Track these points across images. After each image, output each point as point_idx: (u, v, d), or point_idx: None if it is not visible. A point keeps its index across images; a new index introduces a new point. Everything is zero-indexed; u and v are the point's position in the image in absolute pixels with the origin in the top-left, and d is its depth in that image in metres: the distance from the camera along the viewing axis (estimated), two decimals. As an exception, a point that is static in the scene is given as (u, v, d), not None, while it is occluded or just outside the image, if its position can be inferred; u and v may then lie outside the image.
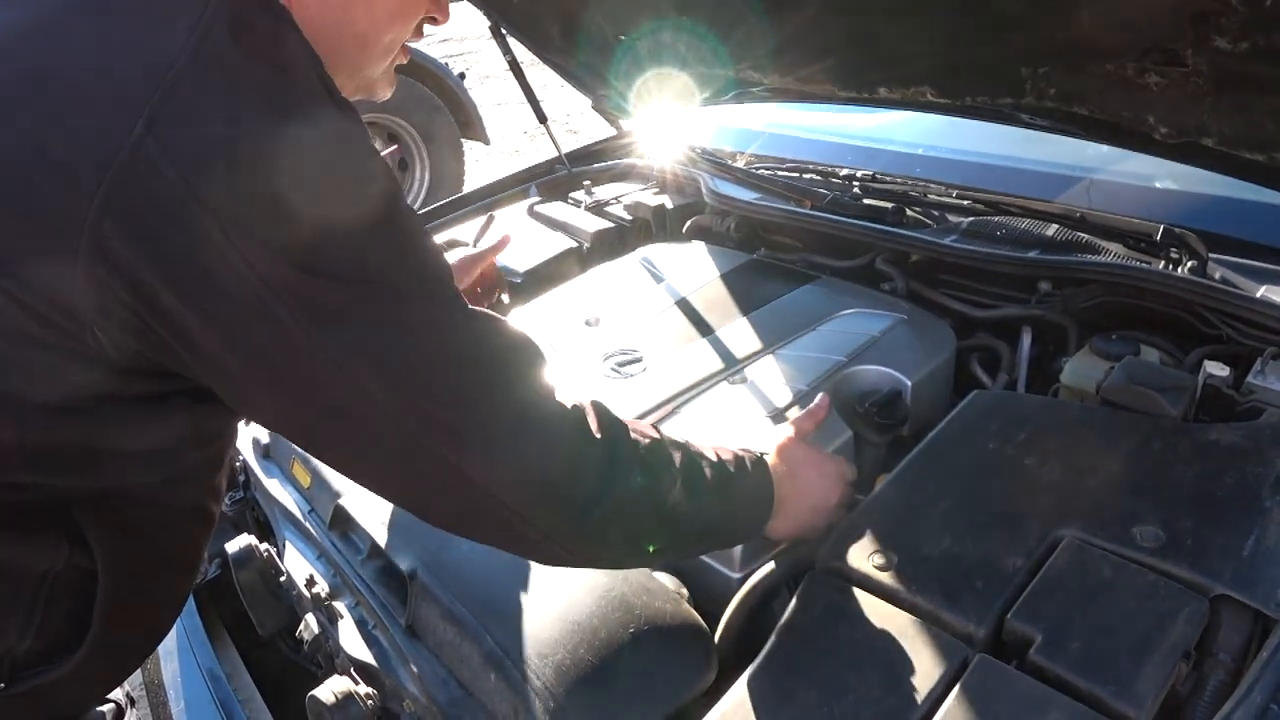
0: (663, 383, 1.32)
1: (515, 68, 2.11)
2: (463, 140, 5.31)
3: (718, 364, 1.36)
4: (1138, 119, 1.27)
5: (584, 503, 0.75)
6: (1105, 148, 1.40)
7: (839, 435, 1.21)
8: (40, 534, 0.74)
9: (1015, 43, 1.24)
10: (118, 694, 1.12)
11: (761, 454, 1.00)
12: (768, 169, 1.95)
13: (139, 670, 1.13)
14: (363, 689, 1.05)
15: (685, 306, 1.53)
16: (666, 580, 1.05)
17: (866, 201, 1.71)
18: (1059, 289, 1.39)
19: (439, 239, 1.93)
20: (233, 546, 1.34)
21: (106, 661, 0.86)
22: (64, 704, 0.87)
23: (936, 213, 1.65)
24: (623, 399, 1.28)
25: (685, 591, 1.05)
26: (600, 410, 0.80)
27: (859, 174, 1.77)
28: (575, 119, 6.67)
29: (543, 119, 2.25)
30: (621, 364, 1.39)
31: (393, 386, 0.65)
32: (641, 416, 1.25)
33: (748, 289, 1.57)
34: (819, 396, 1.15)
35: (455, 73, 5.25)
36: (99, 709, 1.02)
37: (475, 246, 1.89)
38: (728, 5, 1.53)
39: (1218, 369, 1.18)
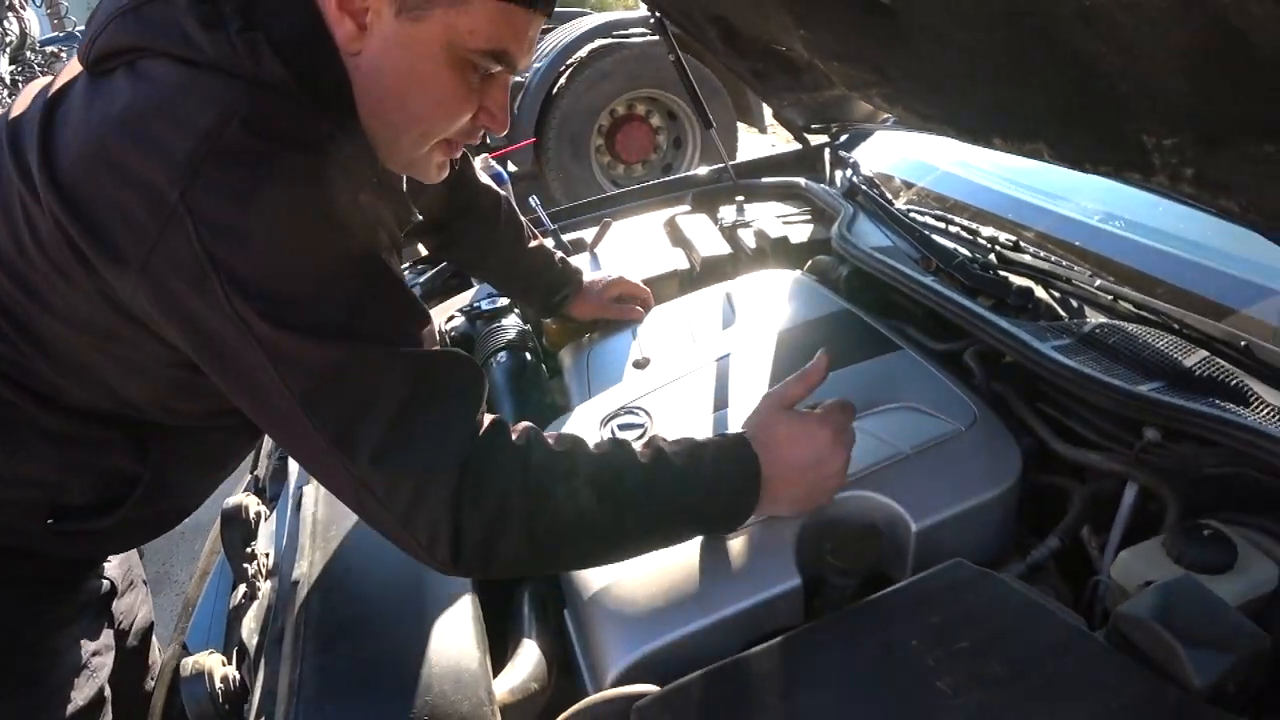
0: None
1: (680, 66, 1.98)
2: (738, 124, 5.28)
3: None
4: (1310, 231, 0.87)
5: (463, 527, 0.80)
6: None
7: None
8: (117, 446, 0.98)
9: (1123, 98, 0.89)
10: (114, 573, 1.24)
11: (741, 434, 0.94)
12: (921, 212, 1.64)
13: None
14: (225, 670, 1.02)
15: (742, 355, 1.33)
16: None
17: (1001, 273, 1.38)
18: (1171, 441, 1.00)
19: (586, 234, 1.88)
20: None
21: (137, 529, 1.10)
22: (89, 550, 1.11)
23: (1076, 303, 1.28)
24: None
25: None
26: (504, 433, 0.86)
27: (1002, 238, 1.42)
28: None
29: (709, 124, 2.10)
30: (622, 426, 1.26)
31: (318, 416, 0.79)
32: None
33: (820, 347, 1.32)
34: (818, 355, 1.01)
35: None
36: (97, 581, 1.17)
37: (592, 252, 1.83)
38: (843, 25, 1.29)
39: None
